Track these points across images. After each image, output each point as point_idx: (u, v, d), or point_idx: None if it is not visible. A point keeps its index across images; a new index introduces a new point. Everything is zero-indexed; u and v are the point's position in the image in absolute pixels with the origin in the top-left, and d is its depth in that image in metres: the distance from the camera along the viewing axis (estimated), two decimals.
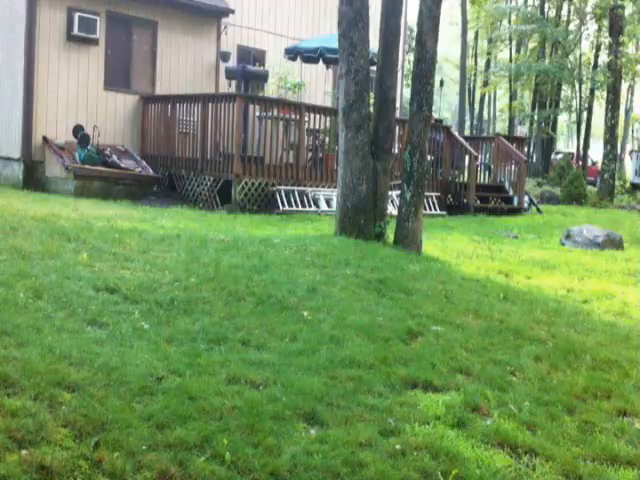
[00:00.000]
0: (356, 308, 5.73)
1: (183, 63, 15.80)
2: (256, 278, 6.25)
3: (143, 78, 15.21)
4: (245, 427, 3.39)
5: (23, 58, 13.51)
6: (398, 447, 3.36)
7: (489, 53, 42.36)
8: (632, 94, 48.70)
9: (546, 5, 38.70)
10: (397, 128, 13.94)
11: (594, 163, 35.58)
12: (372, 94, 9.64)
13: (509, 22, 39.39)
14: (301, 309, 5.55)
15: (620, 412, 4.10)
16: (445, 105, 52.99)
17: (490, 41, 41.94)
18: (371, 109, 9.42)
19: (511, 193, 16.67)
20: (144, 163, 14.13)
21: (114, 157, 13.57)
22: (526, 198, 17.36)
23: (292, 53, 16.22)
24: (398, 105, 17.27)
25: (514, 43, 41.20)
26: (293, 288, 6.05)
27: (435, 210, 14.98)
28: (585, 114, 36.42)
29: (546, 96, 37.26)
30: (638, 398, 4.35)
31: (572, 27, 37.66)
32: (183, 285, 5.84)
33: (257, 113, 13.95)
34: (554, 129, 39.14)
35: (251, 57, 17.19)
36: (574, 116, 42.56)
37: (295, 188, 13.18)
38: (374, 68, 9.77)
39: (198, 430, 3.29)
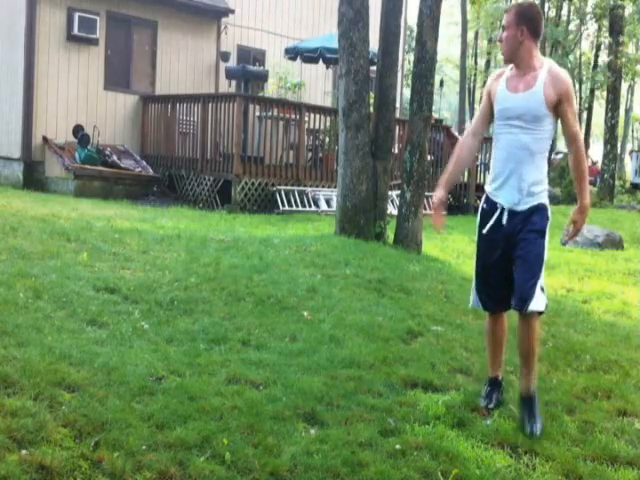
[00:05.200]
0: (356, 308, 5.73)
1: (183, 63, 15.80)
2: (256, 278, 6.25)
3: (143, 78, 15.21)
4: (245, 427, 3.39)
5: (23, 58, 13.51)
6: (398, 447, 3.35)
7: (489, 53, 42.32)
8: (632, 94, 48.67)
9: (546, 5, 38.67)
10: (397, 128, 13.94)
11: (594, 163, 35.55)
12: (372, 94, 9.64)
13: None
14: (301, 309, 5.55)
15: (620, 412, 4.10)
16: (445, 105, 52.95)
17: (490, 41, 41.91)
18: (371, 109, 9.42)
19: None
20: (144, 163, 14.13)
21: (114, 157, 13.57)
22: None
23: (292, 53, 16.22)
24: (398, 105, 17.27)
25: None
26: (293, 288, 6.05)
27: None
28: (585, 114, 36.41)
29: None
30: (638, 398, 4.34)
31: (572, 27, 37.66)
32: (183, 285, 5.84)
33: (257, 113, 13.95)
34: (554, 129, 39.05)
35: (251, 57, 17.20)
36: None
37: (295, 188, 13.17)
38: (374, 68, 9.77)
39: (198, 430, 3.28)
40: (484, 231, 3.84)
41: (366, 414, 3.71)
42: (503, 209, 3.76)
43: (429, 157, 13.72)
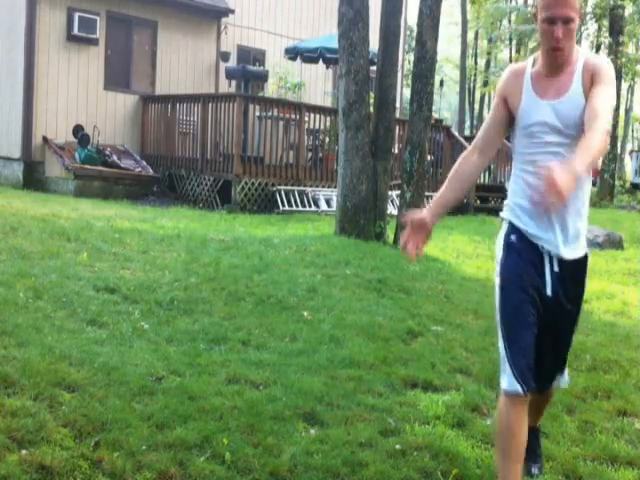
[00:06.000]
0: (356, 308, 5.73)
1: (183, 63, 15.80)
2: (256, 278, 6.25)
3: (143, 78, 15.21)
4: (245, 427, 3.39)
5: (23, 58, 13.51)
6: (398, 447, 3.35)
7: (489, 53, 42.35)
8: (632, 94, 48.68)
9: None
10: (397, 128, 13.93)
11: None
12: (372, 94, 9.64)
13: (509, 22, 39.38)
14: (301, 309, 5.55)
15: (620, 412, 4.10)
16: (445, 105, 52.96)
17: (490, 41, 41.94)
18: (371, 109, 9.42)
19: None
20: (144, 163, 14.13)
21: (114, 157, 13.57)
22: None
23: (292, 53, 16.22)
24: (398, 105, 17.27)
25: (514, 43, 41.21)
26: (293, 288, 6.05)
27: None
28: None
29: None
30: (638, 398, 4.34)
31: None
32: (183, 285, 5.84)
33: (257, 113, 13.95)
34: None
35: (251, 57, 17.20)
36: None
37: (295, 188, 13.17)
38: (374, 68, 9.78)
39: (198, 430, 3.28)
40: (548, 292, 2.88)
41: (366, 414, 3.71)
42: (550, 256, 2.83)
43: (429, 157, 13.72)
